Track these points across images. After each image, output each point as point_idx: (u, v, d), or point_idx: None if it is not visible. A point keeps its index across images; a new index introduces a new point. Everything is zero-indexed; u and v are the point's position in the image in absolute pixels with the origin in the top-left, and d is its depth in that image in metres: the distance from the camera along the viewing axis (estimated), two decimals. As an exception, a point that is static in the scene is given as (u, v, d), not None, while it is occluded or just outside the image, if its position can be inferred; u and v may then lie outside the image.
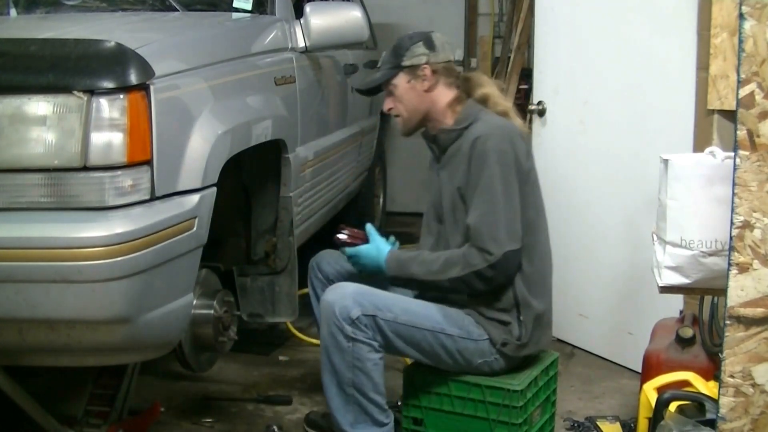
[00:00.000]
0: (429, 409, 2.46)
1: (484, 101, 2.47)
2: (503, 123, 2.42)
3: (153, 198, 1.99)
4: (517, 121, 2.49)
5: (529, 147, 2.48)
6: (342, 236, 2.51)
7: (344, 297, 2.28)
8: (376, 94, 2.63)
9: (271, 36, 2.90)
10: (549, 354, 2.60)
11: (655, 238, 2.33)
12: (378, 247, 2.45)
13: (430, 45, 2.47)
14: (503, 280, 2.35)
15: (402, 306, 2.34)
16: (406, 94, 2.48)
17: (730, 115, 2.57)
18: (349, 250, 2.48)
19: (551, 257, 2.54)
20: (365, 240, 2.49)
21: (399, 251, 2.48)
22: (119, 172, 1.92)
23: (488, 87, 2.51)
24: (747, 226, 1.87)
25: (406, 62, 2.46)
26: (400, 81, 2.47)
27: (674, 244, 2.20)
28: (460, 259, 2.32)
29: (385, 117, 4.93)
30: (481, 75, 2.61)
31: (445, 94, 2.48)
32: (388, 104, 2.53)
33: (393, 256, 2.42)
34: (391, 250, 2.45)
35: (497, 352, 2.38)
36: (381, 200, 5.14)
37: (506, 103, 2.50)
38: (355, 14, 3.06)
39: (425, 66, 2.46)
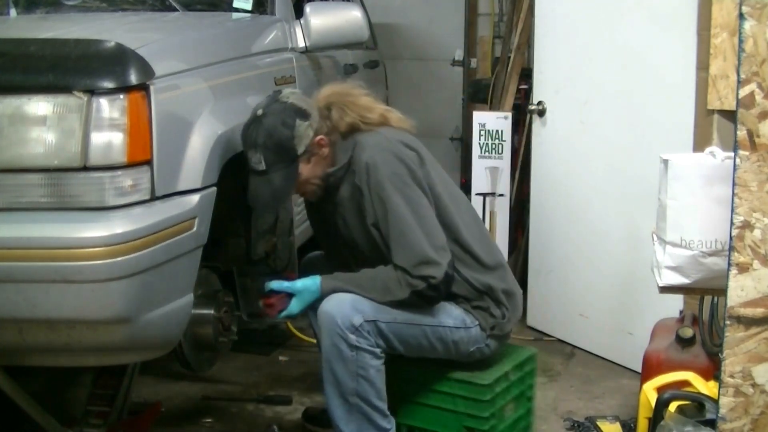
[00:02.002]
0: (402, 399, 2.48)
1: (352, 130, 2.37)
2: (382, 139, 2.33)
3: (153, 198, 1.99)
4: (394, 117, 2.41)
5: (417, 146, 2.39)
6: (272, 311, 2.42)
7: (343, 305, 2.26)
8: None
9: (271, 36, 2.90)
10: (524, 350, 2.62)
11: (655, 238, 2.33)
12: (310, 291, 2.36)
13: (303, 115, 2.30)
14: (441, 299, 2.34)
15: (397, 307, 2.33)
16: (312, 171, 2.35)
17: (730, 115, 2.57)
18: (281, 315, 2.42)
19: (484, 232, 2.51)
20: (288, 298, 2.40)
21: (333, 276, 2.38)
22: (119, 172, 1.92)
23: (350, 110, 2.37)
24: (747, 226, 1.87)
25: (300, 149, 2.29)
26: (303, 168, 2.32)
27: (674, 244, 2.20)
28: (400, 283, 2.28)
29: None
30: (337, 91, 2.44)
31: (329, 143, 2.37)
32: (297, 194, 2.43)
33: (327, 281, 2.35)
34: (324, 276, 2.37)
35: (488, 337, 2.40)
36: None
37: (373, 114, 2.38)
38: (355, 14, 3.05)
39: (319, 139, 2.33)
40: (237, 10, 3.01)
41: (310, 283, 2.37)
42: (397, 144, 2.35)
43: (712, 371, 2.43)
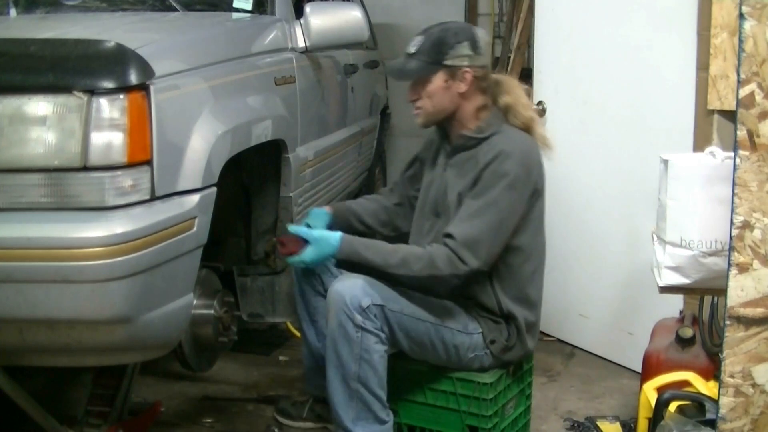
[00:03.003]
0: (402, 399, 2.49)
1: (506, 111, 2.43)
2: (525, 142, 2.39)
3: (153, 198, 1.99)
4: (539, 131, 2.46)
5: (542, 166, 2.44)
6: (284, 249, 2.37)
7: (354, 287, 2.26)
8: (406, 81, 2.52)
9: (271, 36, 2.90)
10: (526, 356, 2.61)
11: (655, 238, 2.33)
12: (327, 242, 2.32)
13: (474, 46, 2.38)
14: (459, 290, 2.37)
15: (406, 298, 2.34)
16: (439, 93, 2.39)
17: (730, 115, 2.57)
18: (293, 260, 2.36)
19: (542, 276, 2.54)
20: (303, 243, 2.35)
21: (354, 237, 2.38)
22: (119, 172, 1.92)
23: (514, 95, 2.45)
24: (747, 226, 1.88)
25: (447, 61, 2.36)
26: (437, 79, 2.38)
27: (674, 244, 2.20)
28: (423, 258, 2.29)
29: (384, 117, 4.93)
30: (512, 80, 2.53)
31: (475, 99, 2.42)
32: (413, 95, 2.43)
33: (347, 240, 2.33)
34: (345, 235, 2.36)
35: (486, 347, 2.42)
36: (381, 200, 5.13)
37: (528, 113, 2.45)
38: (355, 14, 3.06)
39: (467, 70, 2.38)
40: (237, 10, 3.01)
41: (328, 235, 2.34)
42: (534, 154, 2.39)
43: (712, 371, 2.43)
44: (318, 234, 2.35)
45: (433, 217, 2.50)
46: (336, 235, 2.34)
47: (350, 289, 2.26)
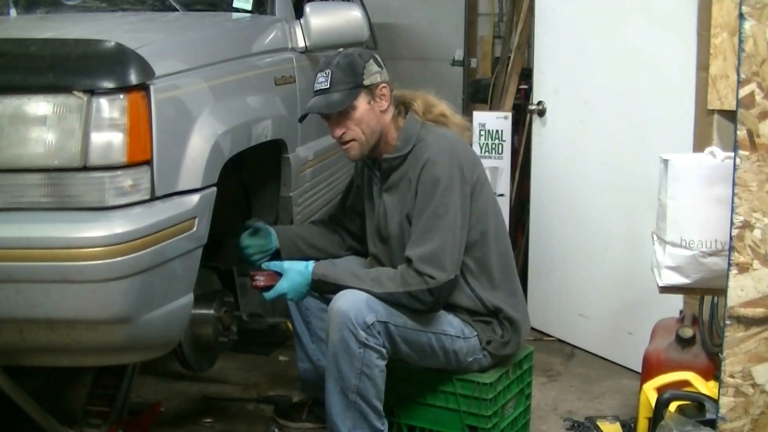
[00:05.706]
0: (402, 399, 2.50)
1: (423, 113, 2.44)
2: (448, 142, 2.38)
3: (153, 198, 1.99)
4: (455, 121, 2.46)
5: (474, 156, 2.46)
6: (259, 282, 2.42)
7: (358, 302, 2.26)
8: (303, 120, 2.55)
9: (271, 36, 2.90)
10: (523, 348, 2.63)
11: (655, 238, 2.33)
12: (297, 270, 2.37)
13: (378, 63, 2.42)
14: (437, 307, 2.36)
15: (407, 312, 2.34)
16: (366, 116, 2.38)
17: (730, 115, 2.57)
18: (269, 293, 2.40)
19: (510, 260, 2.54)
20: (278, 276, 2.40)
21: (327, 262, 2.46)
22: (119, 172, 1.92)
23: (420, 97, 2.48)
24: (747, 226, 1.88)
25: (366, 81, 2.37)
26: (361, 103, 2.37)
27: (674, 244, 2.20)
28: (395, 277, 2.31)
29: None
30: (405, 90, 2.54)
31: (389, 112, 2.44)
32: (340, 129, 2.39)
33: (320, 264, 2.39)
34: (318, 262, 2.41)
35: (483, 350, 2.43)
36: (381, 200, 5.13)
37: (438, 108, 2.46)
38: (355, 14, 3.06)
39: (383, 85, 2.40)
40: (237, 10, 3.01)
41: (298, 264, 2.38)
42: (461, 149, 2.39)
43: (712, 371, 2.43)
44: (287, 264, 2.40)
45: (380, 244, 2.52)
46: (305, 262, 2.39)
47: (354, 305, 2.26)
